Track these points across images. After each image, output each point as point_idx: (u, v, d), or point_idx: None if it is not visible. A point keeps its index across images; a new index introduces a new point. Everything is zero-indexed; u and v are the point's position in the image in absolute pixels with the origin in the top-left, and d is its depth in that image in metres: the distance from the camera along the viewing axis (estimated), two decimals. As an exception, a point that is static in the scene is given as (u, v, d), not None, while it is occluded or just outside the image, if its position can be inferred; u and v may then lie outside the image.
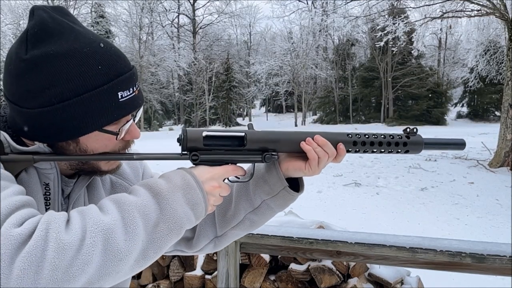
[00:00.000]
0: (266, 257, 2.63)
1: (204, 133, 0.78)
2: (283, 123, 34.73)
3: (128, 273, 0.63)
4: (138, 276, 2.94)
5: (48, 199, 0.75)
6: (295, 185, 0.91)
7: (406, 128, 0.85)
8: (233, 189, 0.92)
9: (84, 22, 30.19)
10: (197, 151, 0.77)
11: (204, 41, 34.27)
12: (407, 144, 0.84)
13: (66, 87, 0.66)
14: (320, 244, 1.75)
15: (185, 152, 0.77)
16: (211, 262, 2.75)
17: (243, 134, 0.80)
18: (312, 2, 33.24)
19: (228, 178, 0.80)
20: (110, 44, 0.72)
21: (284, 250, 1.86)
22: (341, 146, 0.82)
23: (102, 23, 28.80)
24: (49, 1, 28.02)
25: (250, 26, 43.44)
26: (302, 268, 2.61)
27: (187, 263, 2.83)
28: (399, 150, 0.84)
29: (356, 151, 0.83)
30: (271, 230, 1.85)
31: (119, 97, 0.70)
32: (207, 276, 2.77)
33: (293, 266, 2.62)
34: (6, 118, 0.75)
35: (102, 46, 0.70)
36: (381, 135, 0.83)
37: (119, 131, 0.73)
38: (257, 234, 1.85)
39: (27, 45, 0.67)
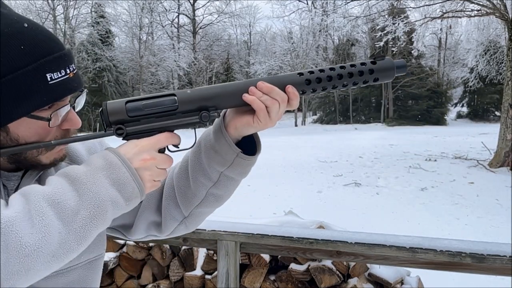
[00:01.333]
0: (266, 257, 2.63)
1: (128, 104, 0.69)
2: (283, 123, 34.73)
3: (47, 268, 0.57)
4: (138, 276, 2.94)
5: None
6: (253, 146, 0.81)
7: (373, 54, 0.73)
8: (188, 165, 0.83)
9: (84, 22, 30.26)
10: (123, 124, 0.69)
11: (204, 41, 34.28)
12: (374, 71, 0.71)
13: None
14: (320, 244, 1.75)
15: (110, 128, 0.69)
16: (211, 262, 2.76)
17: (174, 95, 0.70)
18: (312, 2, 33.25)
19: (167, 148, 0.72)
20: (37, 24, 0.67)
21: (284, 250, 1.86)
22: (289, 88, 0.71)
23: (102, 23, 28.80)
24: (50, 1, 28.05)
25: (250, 26, 43.45)
26: (302, 268, 2.61)
27: (187, 263, 2.84)
28: (366, 80, 0.71)
29: (313, 91, 0.72)
30: (271, 230, 1.85)
31: (48, 79, 0.65)
32: (207, 276, 2.77)
33: (293, 266, 2.62)
34: None
35: (26, 26, 0.65)
36: (340, 66, 0.71)
37: (50, 116, 0.67)
38: (257, 234, 1.85)
39: None
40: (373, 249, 1.69)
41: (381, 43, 13.45)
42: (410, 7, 13.31)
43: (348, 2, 13.04)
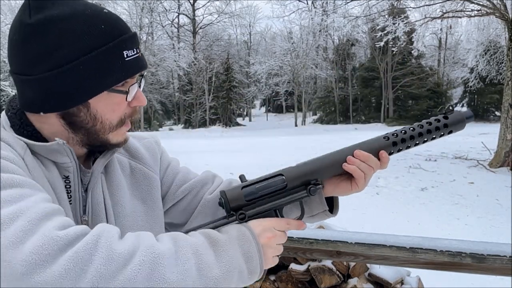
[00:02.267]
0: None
1: (244, 190, 0.76)
2: (283, 123, 34.74)
3: None
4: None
5: (69, 191, 0.75)
6: (330, 202, 0.90)
7: (441, 108, 0.81)
8: None
9: (84, 22, 30.27)
10: (242, 208, 0.75)
11: (204, 41, 34.28)
12: (448, 126, 0.79)
13: (72, 47, 0.66)
14: (320, 244, 1.75)
15: (232, 213, 0.76)
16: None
17: (281, 175, 0.78)
18: (312, 2, 33.24)
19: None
20: (110, 11, 0.74)
21: (284, 250, 1.86)
22: (383, 154, 0.78)
23: (102, 23, 28.81)
24: (49, 1, 28.09)
25: (250, 26, 43.46)
26: (302, 268, 2.61)
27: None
28: (442, 134, 0.80)
29: (398, 150, 0.79)
30: (271, 230, 1.85)
31: (125, 56, 0.70)
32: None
33: (293, 266, 2.62)
34: (12, 112, 0.74)
35: (102, 9, 0.71)
36: (418, 125, 0.78)
37: (128, 89, 0.73)
38: (257, 234, 1.85)
39: (30, 11, 0.67)
40: (373, 249, 1.69)
41: (381, 43, 13.45)
42: (410, 7, 13.31)
43: (348, 2, 13.03)
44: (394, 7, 13.51)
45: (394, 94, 28.58)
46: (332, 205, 0.90)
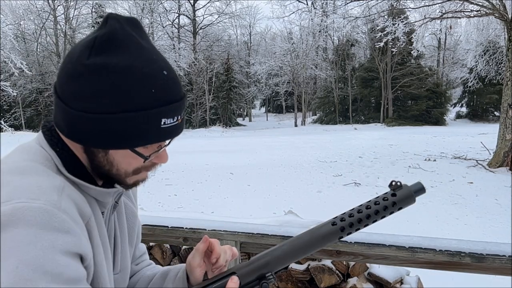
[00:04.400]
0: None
1: None
2: (283, 123, 34.74)
3: None
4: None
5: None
6: None
7: (391, 182, 0.79)
8: None
9: (85, 23, 30.26)
10: None
11: (205, 42, 34.26)
12: (397, 203, 0.78)
13: (115, 101, 0.65)
14: (320, 244, 1.75)
15: None
16: (211, 262, 2.76)
17: (233, 272, 0.78)
18: (312, 3, 33.28)
19: None
20: (170, 68, 0.71)
21: (284, 250, 1.86)
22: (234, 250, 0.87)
23: (102, 24, 28.80)
24: (50, 2, 28.03)
25: (250, 27, 43.46)
26: (302, 267, 2.62)
27: (188, 263, 2.84)
28: (392, 211, 0.78)
29: (348, 233, 0.78)
30: (271, 230, 1.86)
31: (162, 123, 0.68)
32: (208, 276, 2.77)
33: (293, 265, 2.63)
34: (60, 148, 0.74)
35: (161, 69, 0.69)
36: (367, 206, 0.76)
37: (149, 156, 0.72)
38: (257, 233, 1.86)
39: (91, 51, 0.67)
40: (372, 248, 1.69)
41: (381, 44, 13.46)
42: (410, 7, 13.32)
43: (348, 3, 13.04)
44: (393, 8, 13.53)
45: (394, 94, 28.59)
46: None
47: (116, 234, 0.83)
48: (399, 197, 0.78)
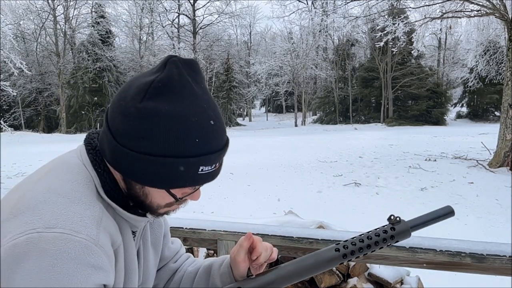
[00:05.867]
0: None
1: None
2: (283, 123, 34.74)
3: None
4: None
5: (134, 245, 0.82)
6: None
7: (390, 216, 0.85)
8: None
9: (85, 22, 30.26)
10: None
11: (204, 41, 34.26)
12: (394, 236, 0.85)
13: (159, 145, 0.68)
14: (320, 244, 1.75)
15: None
16: (211, 262, 2.76)
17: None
18: (312, 2, 33.27)
19: None
20: (218, 116, 0.73)
21: (284, 250, 1.86)
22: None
23: (102, 24, 28.80)
24: (50, 2, 28.03)
25: (250, 26, 43.47)
26: (302, 268, 2.61)
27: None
28: (389, 244, 0.85)
29: (349, 260, 0.84)
30: (271, 230, 1.85)
31: (200, 170, 0.71)
32: (207, 276, 2.77)
33: (293, 266, 2.62)
34: (101, 169, 0.76)
35: (209, 119, 0.70)
36: (367, 236, 0.83)
37: (182, 197, 0.76)
38: (257, 234, 1.86)
39: (145, 95, 0.68)
40: (373, 249, 1.69)
41: (381, 44, 13.45)
42: (410, 7, 13.32)
43: (348, 2, 13.04)
44: (394, 8, 13.52)
45: (394, 94, 28.59)
46: None
47: (140, 249, 0.86)
48: (397, 231, 0.85)
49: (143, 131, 0.67)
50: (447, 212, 0.91)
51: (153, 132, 0.67)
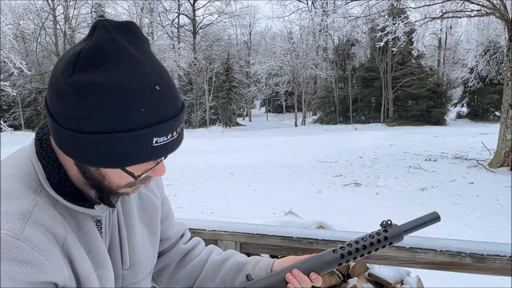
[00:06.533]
0: (266, 257, 2.63)
1: None
2: (283, 123, 34.73)
3: None
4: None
5: (101, 232, 0.78)
6: None
7: (383, 222, 0.91)
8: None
9: (84, 22, 30.24)
10: None
11: (204, 41, 34.27)
12: (388, 238, 0.90)
13: (101, 122, 0.61)
14: (320, 244, 1.75)
15: None
16: (211, 262, 2.75)
17: None
18: (312, 2, 33.26)
19: None
20: (166, 81, 0.65)
21: (284, 250, 1.85)
22: (313, 275, 0.87)
23: (102, 23, 28.77)
24: (50, 1, 28.03)
25: (250, 26, 43.46)
26: (302, 268, 2.60)
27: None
28: (384, 245, 0.90)
29: (346, 262, 0.88)
30: (271, 230, 1.85)
31: (153, 142, 0.64)
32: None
33: (293, 266, 2.62)
34: (47, 160, 0.72)
35: (154, 84, 0.63)
36: (363, 238, 0.88)
37: (141, 175, 0.71)
38: (257, 234, 1.85)
39: (74, 68, 0.61)
40: (373, 249, 1.69)
41: (381, 44, 13.45)
42: (410, 7, 13.31)
43: (348, 2, 13.04)
44: (394, 7, 13.52)
45: (394, 94, 28.58)
46: None
47: (122, 233, 0.83)
48: (390, 233, 0.91)
49: (81, 109, 0.61)
50: (433, 218, 0.95)
51: (91, 108, 0.60)
